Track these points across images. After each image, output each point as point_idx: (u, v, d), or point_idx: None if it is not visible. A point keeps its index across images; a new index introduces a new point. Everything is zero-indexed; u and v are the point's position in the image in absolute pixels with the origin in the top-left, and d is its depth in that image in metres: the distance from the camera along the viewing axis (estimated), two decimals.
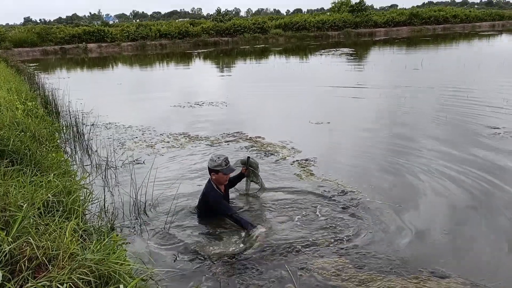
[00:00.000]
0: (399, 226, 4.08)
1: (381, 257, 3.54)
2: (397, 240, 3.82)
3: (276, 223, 4.20)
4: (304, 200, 4.73)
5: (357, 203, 4.60)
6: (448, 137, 6.96)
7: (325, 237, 3.89)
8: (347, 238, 3.86)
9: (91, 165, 6.00)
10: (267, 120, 8.98)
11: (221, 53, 29.23)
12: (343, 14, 41.93)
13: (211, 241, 3.95)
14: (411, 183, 5.18)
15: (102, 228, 3.57)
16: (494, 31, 40.30)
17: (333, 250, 3.66)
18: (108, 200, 4.57)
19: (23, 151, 4.38)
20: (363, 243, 3.78)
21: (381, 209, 4.45)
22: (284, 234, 3.98)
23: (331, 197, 4.76)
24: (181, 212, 4.51)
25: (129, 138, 7.47)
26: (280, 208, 4.56)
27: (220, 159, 4.15)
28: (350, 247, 3.70)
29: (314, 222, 4.21)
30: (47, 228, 2.84)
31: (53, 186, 3.54)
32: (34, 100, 8.35)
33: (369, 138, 7.24)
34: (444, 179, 5.21)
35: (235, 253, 3.69)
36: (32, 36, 32.51)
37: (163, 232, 4.09)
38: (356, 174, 5.54)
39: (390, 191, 4.96)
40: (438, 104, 9.58)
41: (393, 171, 5.61)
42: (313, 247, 3.73)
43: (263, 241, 3.78)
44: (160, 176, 5.30)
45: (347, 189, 4.98)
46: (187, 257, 3.65)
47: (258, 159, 6.17)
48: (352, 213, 4.37)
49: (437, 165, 5.64)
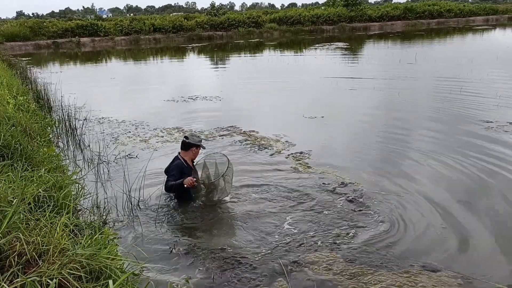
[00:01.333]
0: (391, 219, 4.09)
1: (372, 251, 3.56)
2: (389, 234, 3.84)
3: (271, 217, 4.21)
4: (301, 194, 4.73)
5: (360, 195, 4.64)
6: (443, 129, 7.00)
7: (317, 231, 3.90)
8: (340, 233, 3.87)
9: (83, 159, 5.95)
10: (261, 114, 8.96)
11: (216, 47, 29.08)
12: (338, 8, 41.81)
13: (203, 233, 3.96)
14: (407, 173, 5.25)
15: (94, 223, 3.55)
16: (488, 26, 40.43)
17: (326, 244, 3.67)
18: (100, 194, 4.55)
19: (13, 146, 4.34)
20: (355, 237, 3.80)
21: (378, 201, 4.48)
22: (278, 228, 3.99)
23: (332, 190, 4.78)
24: (174, 206, 4.50)
25: (122, 133, 7.42)
26: (277, 202, 4.56)
27: (193, 135, 4.82)
28: (342, 242, 3.71)
29: (310, 216, 4.21)
30: (38, 223, 2.82)
31: (44, 181, 3.51)
32: (25, 94, 8.27)
33: (364, 130, 7.28)
34: (439, 170, 5.27)
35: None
36: (24, 30, 32.10)
37: (156, 226, 4.08)
38: (353, 166, 5.59)
39: (387, 182, 5.02)
40: (432, 97, 9.61)
41: (389, 162, 5.69)
42: (306, 241, 3.74)
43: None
44: (153, 170, 5.27)
45: (346, 181, 5.02)
46: (181, 250, 3.65)
47: (252, 153, 6.17)
48: (351, 206, 4.39)
49: (432, 157, 5.69)
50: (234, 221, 4.21)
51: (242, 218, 4.24)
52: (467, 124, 7.20)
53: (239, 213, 4.34)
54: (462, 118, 7.65)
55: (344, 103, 9.76)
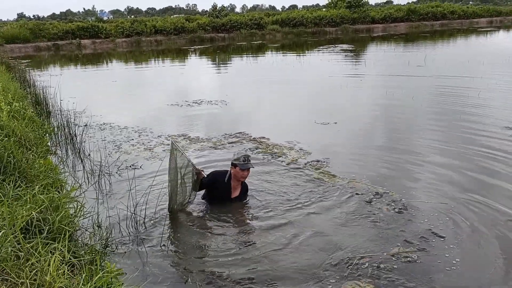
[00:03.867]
0: (453, 234, 3.73)
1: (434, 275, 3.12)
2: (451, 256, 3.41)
3: (304, 235, 3.80)
4: (337, 208, 4.32)
5: (402, 206, 4.31)
6: (463, 136, 6.57)
7: (368, 251, 3.46)
8: (396, 253, 3.43)
9: (83, 170, 5.51)
10: (269, 120, 8.51)
11: (218, 49, 28.67)
12: (341, 10, 41.39)
13: (225, 257, 3.49)
14: (439, 180, 4.93)
15: (95, 249, 3.13)
16: (492, 27, 40.02)
17: (375, 268, 3.23)
18: (101, 212, 4.11)
19: (6, 159, 3.92)
20: (416, 262, 3.35)
21: (426, 213, 4.15)
22: (320, 253, 3.53)
23: (369, 201, 4.42)
24: (185, 225, 4.06)
25: (125, 140, 6.98)
26: (308, 217, 4.15)
27: (241, 154, 4.33)
28: (398, 268, 3.26)
29: (354, 233, 3.83)
30: (29, 258, 2.39)
31: (38, 203, 3.08)
32: (22, 99, 7.85)
33: (382, 136, 6.92)
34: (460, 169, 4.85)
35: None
36: (24, 32, 31.65)
37: (165, 249, 3.64)
38: (379, 174, 5.24)
39: (422, 190, 4.71)
40: (449, 101, 9.17)
41: (409, 168, 5.41)
42: (358, 264, 3.32)
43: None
44: (160, 183, 4.85)
45: (379, 190, 4.68)
46: (198, 280, 3.19)
47: (267, 162, 5.74)
48: (399, 220, 4.04)
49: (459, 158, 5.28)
50: (266, 244, 3.70)
51: (275, 238, 3.77)
52: (488, 133, 6.75)
53: (269, 233, 3.87)
54: (482, 126, 7.19)
55: (356, 108, 9.32)
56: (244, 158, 4.29)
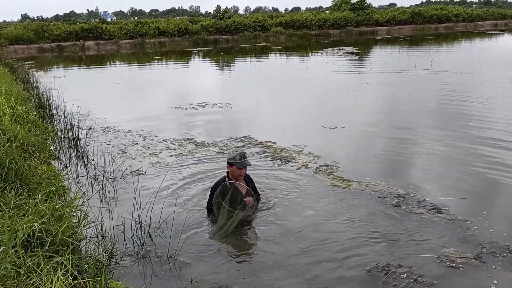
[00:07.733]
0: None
1: None
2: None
3: (332, 250, 3.63)
4: (361, 214, 4.18)
5: (430, 205, 4.28)
6: (473, 139, 6.41)
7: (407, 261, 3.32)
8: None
9: (87, 176, 5.39)
10: (275, 123, 8.36)
11: (222, 51, 28.56)
12: (344, 12, 41.26)
13: (240, 273, 3.33)
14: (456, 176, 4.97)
15: (100, 259, 3.00)
16: (497, 30, 39.80)
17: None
18: (106, 220, 3.98)
19: (8, 165, 3.78)
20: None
21: (454, 208, 4.18)
22: (349, 269, 3.35)
23: (397, 205, 4.32)
24: (193, 235, 3.91)
25: (130, 145, 6.85)
26: (334, 227, 3.99)
27: (236, 152, 4.15)
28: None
29: (388, 242, 3.68)
30: (30, 275, 2.26)
31: (40, 213, 2.94)
32: (25, 102, 7.72)
33: (391, 140, 6.78)
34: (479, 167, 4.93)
35: None
36: (28, 33, 31.63)
37: (173, 262, 3.49)
38: (394, 174, 5.20)
39: (445, 186, 4.75)
40: (452, 105, 9.00)
41: (421, 168, 5.42)
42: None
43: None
44: (166, 189, 4.70)
45: (400, 192, 4.62)
46: None
47: (276, 167, 5.59)
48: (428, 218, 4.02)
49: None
50: (284, 258, 3.51)
51: (296, 253, 3.58)
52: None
53: (289, 246, 3.69)
54: (496, 128, 7.04)
55: (364, 111, 9.17)
56: (240, 156, 4.11)
